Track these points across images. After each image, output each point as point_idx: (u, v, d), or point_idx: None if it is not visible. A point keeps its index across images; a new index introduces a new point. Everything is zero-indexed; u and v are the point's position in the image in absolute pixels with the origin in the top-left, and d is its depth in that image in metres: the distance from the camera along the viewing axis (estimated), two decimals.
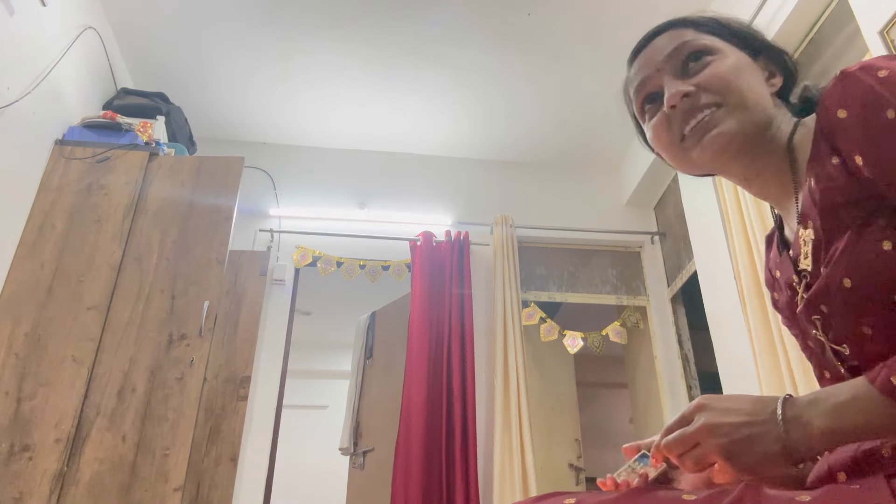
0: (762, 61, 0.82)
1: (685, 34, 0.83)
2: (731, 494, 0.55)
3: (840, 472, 0.64)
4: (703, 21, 0.84)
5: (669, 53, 0.82)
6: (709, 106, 0.76)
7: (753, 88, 0.76)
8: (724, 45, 0.80)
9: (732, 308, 2.72)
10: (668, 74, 0.81)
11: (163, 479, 2.18)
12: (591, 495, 0.64)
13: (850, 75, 0.65)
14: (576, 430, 4.01)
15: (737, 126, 0.75)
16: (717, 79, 0.76)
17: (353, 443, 3.78)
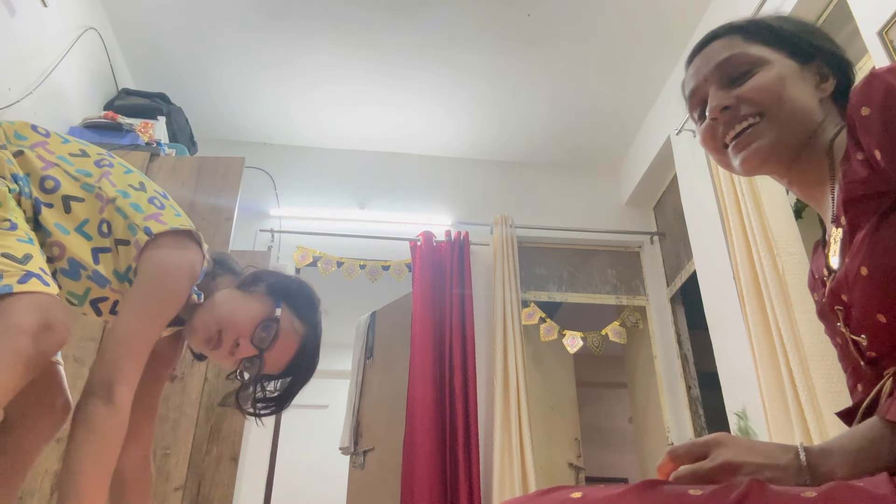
0: (814, 66, 0.83)
1: (735, 44, 0.84)
2: (738, 490, 0.55)
3: None
4: (754, 28, 0.85)
5: (718, 64, 0.83)
6: (750, 116, 0.79)
7: (796, 98, 0.78)
8: (772, 55, 0.82)
9: (732, 308, 2.73)
10: (713, 85, 0.83)
11: (163, 478, 2.19)
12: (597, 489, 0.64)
13: (877, 76, 0.67)
14: (575, 429, 4.02)
15: (774, 140, 0.78)
16: (759, 91, 0.79)
17: (354, 442, 3.79)
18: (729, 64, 0.83)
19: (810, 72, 0.82)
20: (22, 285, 0.95)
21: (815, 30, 0.87)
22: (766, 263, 2.32)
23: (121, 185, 1.18)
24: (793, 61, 0.82)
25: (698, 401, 3.49)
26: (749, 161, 0.80)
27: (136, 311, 1.08)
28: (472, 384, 3.28)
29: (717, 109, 0.81)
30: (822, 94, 0.81)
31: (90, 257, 1.13)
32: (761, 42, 0.83)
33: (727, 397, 2.81)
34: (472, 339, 3.42)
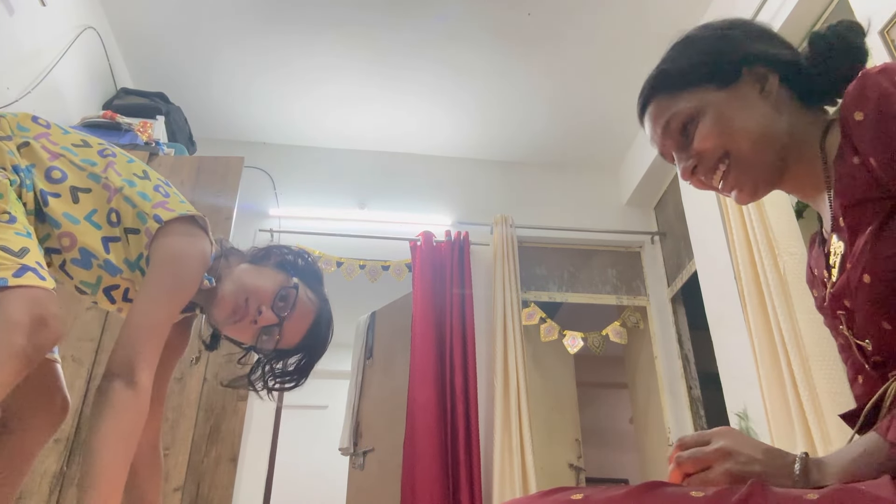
0: (744, 79, 0.80)
1: (663, 106, 0.82)
2: (740, 492, 0.55)
3: None
4: (670, 79, 0.83)
5: (662, 133, 0.83)
6: (719, 161, 0.79)
7: (746, 126, 0.77)
8: (700, 97, 0.80)
9: (732, 308, 2.72)
10: (672, 148, 0.84)
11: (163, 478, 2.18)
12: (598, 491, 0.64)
13: (869, 77, 0.67)
14: (576, 430, 4.01)
15: (752, 174, 0.78)
16: (708, 142, 0.78)
17: (353, 443, 3.78)
18: (670, 128, 0.82)
19: (745, 86, 0.79)
20: (17, 279, 0.94)
21: (726, 36, 0.84)
22: (768, 263, 2.31)
23: (126, 174, 1.20)
24: (722, 91, 0.79)
25: (699, 401, 3.49)
26: (742, 201, 0.81)
27: (153, 296, 1.10)
28: (472, 384, 3.27)
29: (688, 172, 0.82)
30: (768, 97, 0.79)
31: (101, 246, 1.14)
32: (684, 88, 0.81)
33: (728, 397, 2.80)
34: (473, 340, 3.41)
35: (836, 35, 0.81)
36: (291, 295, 1.21)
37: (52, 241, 1.13)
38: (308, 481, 5.32)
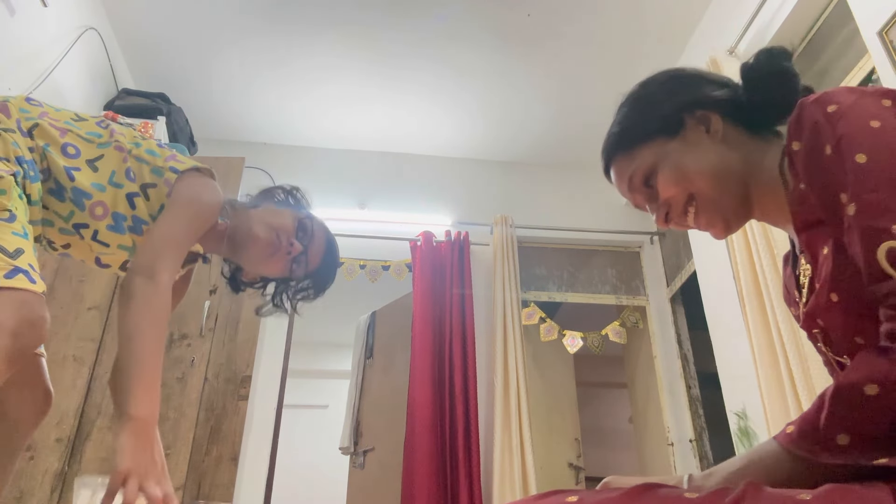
0: (689, 122, 0.83)
1: (623, 165, 0.87)
2: (733, 493, 0.55)
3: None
4: (623, 139, 0.87)
5: (629, 190, 0.88)
6: (686, 204, 0.83)
7: (702, 168, 0.80)
8: (654, 150, 0.84)
9: (732, 308, 2.73)
10: (642, 201, 0.88)
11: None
12: (592, 493, 0.64)
13: (805, 107, 0.69)
14: (576, 429, 4.02)
15: (720, 216, 0.82)
16: (670, 191, 0.82)
17: (354, 442, 3.79)
18: (634, 184, 0.86)
19: (691, 131, 0.83)
20: (8, 280, 0.93)
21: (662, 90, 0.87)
22: (766, 263, 2.31)
23: (129, 137, 1.28)
24: (672, 140, 0.83)
25: (698, 401, 3.49)
26: (719, 236, 0.85)
27: (176, 217, 1.20)
28: (472, 384, 3.28)
29: (662, 220, 0.86)
30: (716, 135, 0.82)
31: (127, 203, 1.22)
32: (637, 145, 0.85)
33: (727, 397, 2.81)
34: (473, 340, 3.42)
35: (762, 64, 0.84)
36: (308, 225, 1.35)
37: (79, 216, 1.18)
38: (308, 480, 5.33)
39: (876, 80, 2.08)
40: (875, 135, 0.62)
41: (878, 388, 0.55)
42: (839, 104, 0.66)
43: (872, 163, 0.61)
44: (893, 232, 0.58)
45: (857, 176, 0.61)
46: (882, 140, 0.62)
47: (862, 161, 0.61)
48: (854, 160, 0.62)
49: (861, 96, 0.66)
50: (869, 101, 0.66)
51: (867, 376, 0.56)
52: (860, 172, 0.61)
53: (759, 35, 2.68)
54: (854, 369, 0.58)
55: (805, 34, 2.60)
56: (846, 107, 0.65)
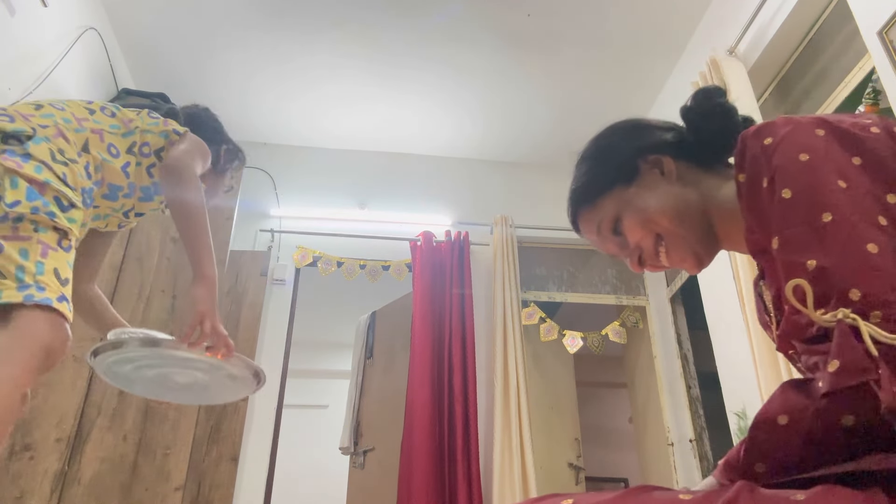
0: (643, 167, 0.86)
1: (589, 218, 0.91)
2: (727, 493, 0.55)
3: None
4: (584, 194, 0.91)
5: (599, 241, 0.91)
6: (656, 245, 0.85)
7: (663, 210, 0.83)
8: (614, 198, 0.87)
9: (732, 308, 2.73)
10: (615, 249, 0.91)
11: (163, 478, 2.19)
12: (588, 496, 0.64)
13: (745, 140, 0.71)
14: (575, 429, 4.02)
15: (689, 252, 0.84)
16: (638, 231, 0.85)
17: (354, 442, 3.79)
18: (603, 234, 0.89)
19: (646, 176, 0.86)
20: (58, 304, 1.08)
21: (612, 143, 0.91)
22: None
23: (129, 115, 1.49)
24: (630, 187, 0.86)
25: (698, 401, 3.49)
26: (693, 271, 0.88)
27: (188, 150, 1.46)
28: (471, 384, 3.28)
29: (636, 265, 0.89)
30: (670, 176, 0.85)
31: (147, 175, 1.46)
32: (598, 197, 0.89)
33: (727, 397, 2.81)
34: (472, 340, 3.42)
35: (700, 102, 0.87)
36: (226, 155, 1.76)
37: (129, 204, 1.44)
38: (309, 480, 5.34)
39: (876, 80, 2.08)
40: (801, 168, 0.64)
41: (788, 418, 0.57)
42: (773, 136, 0.68)
43: (795, 198, 0.63)
44: (807, 267, 0.60)
45: (781, 211, 0.64)
46: (806, 174, 0.64)
47: (787, 196, 0.64)
48: (781, 195, 0.64)
49: (795, 128, 0.68)
50: (802, 132, 0.67)
51: (780, 408, 0.59)
52: (784, 207, 0.64)
53: (759, 35, 2.68)
54: (770, 402, 0.61)
55: (805, 34, 2.60)
56: (779, 139, 0.67)
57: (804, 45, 2.63)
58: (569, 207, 0.95)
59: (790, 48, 2.67)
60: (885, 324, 0.54)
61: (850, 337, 0.54)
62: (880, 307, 0.55)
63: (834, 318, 0.56)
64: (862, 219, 0.60)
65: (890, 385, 0.51)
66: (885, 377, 0.51)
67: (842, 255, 0.59)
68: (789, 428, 0.57)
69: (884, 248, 0.58)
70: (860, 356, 0.53)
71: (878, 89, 2.06)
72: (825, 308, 0.58)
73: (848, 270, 0.58)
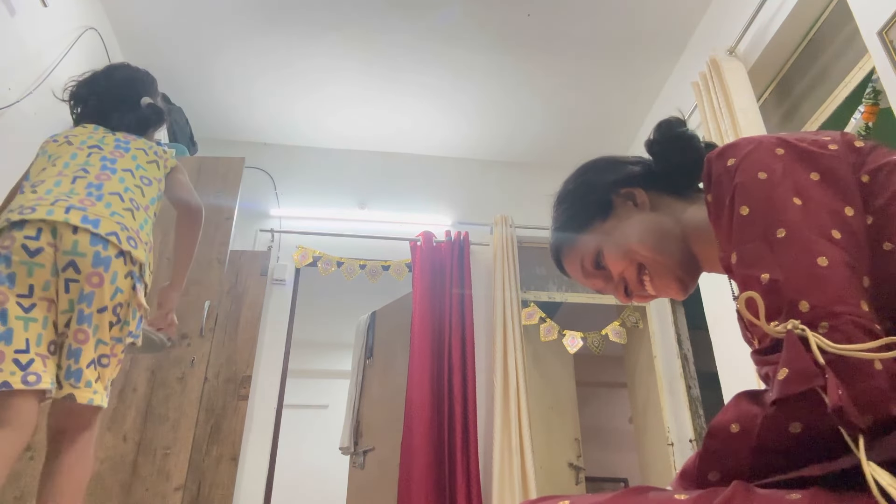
0: (616, 201, 0.89)
1: (573, 255, 0.93)
2: (723, 493, 0.56)
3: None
4: (564, 234, 0.94)
5: (584, 277, 0.93)
6: (639, 274, 0.87)
7: (640, 236, 0.86)
8: (594, 234, 0.90)
9: (732, 308, 2.72)
10: (601, 284, 0.93)
11: (164, 478, 2.19)
12: (584, 497, 0.65)
13: (711, 162, 0.73)
14: (575, 429, 4.02)
15: (672, 277, 0.86)
16: (620, 262, 0.88)
17: (354, 442, 3.79)
18: (587, 270, 0.92)
19: (621, 209, 0.89)
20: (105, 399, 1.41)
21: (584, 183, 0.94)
22: None
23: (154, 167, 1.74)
24: (607, 221, 0.89)
25: (698, 401, 3.49)
26: (678, 298, 0.90)
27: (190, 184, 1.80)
28: (470, 384, 3.28)
29: (622, 296, 0.91)
30: (644, 206, 0.88)
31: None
32: (578, 234, 0.92)
33: (727, 397, 2.80)
34: (472, 340, 3.42)
35: (662, 134, 0.90)
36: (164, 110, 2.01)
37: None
38: (309, 480, 5.34)
39: (876, 80, 2.08)
40: (759, 187, 0.67)
41: (739, 426, 0.59)
42: (735, 157, 0.70)
43: (752, 214, 0.66)
44: (761, 280, 0.62)
45: (739, 227, 0.67)
46: (763, 191, 0.66)
47: (745, 213, 0.67)
48: (739, 212, 0.67)
49: (756, 147, 0.70)
50: (762, 151, 0.69)
51: (732, 416, 0.60)
52: (741, 224, 0.66)
53: (759, 35, 2.68)
54: (724, 411, 0.62)
55: (805, 34, 2.60)
56: (740, 159, 0.70)
57: (804, 45, 2.63)
58: (551, 249, 0.97)
59: (790, 48, 2.67)
60: (832, 334, 0.56)
61: (799, 347, 0.56)
62: (827, 318, 0.57)
63: (784, 330, 0.58)
64: (814, 234, 0.62)
65: (835, 389, 0.52)
66: (832, 382, 0.53)
67: (793, 268, 0.61)
68: (740, 436, 0.59)
69: (834, 262, 0.60)
70: (808, 365, 0.55)
71: (878, 89, 2.06)
72: (777, 320, 0.60)
73: (798, 283, 0.60)
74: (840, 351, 0.54)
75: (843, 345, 0.55)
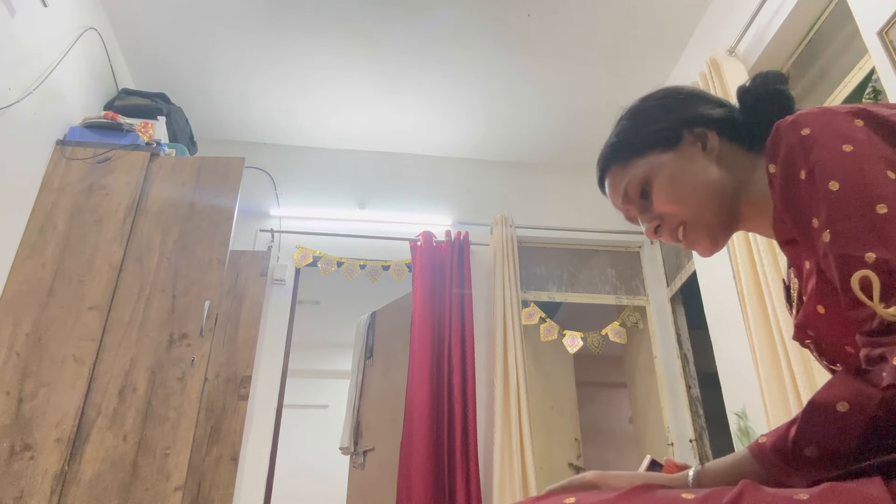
0: (687, 137, 0.85)
1: (618, 176, 0.89)
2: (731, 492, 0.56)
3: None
4: (621, 150, 0.89)
5: (623, 201, 0.89)
6: (676, 225, 0.84)
7: (696, 187, 0.82)
8: (650, 162, 0.85)
9: (732, 308, 2.73)
10: (635, 212, 0.89)
11: (164, 478, 2.19)
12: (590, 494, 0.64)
13: (780, 129, 0.70)
14: (575, 429, 4.02)
15: (707, 235, 0.83)
16: (666, 205, 0.84)
17: (354, 442, 3.79)
18: (629, 195, 0.87)
19: (688, 147, 0.84)
20: None
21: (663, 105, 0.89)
22: (767, 262, 2.32)
23: None
24: (668, 153, 0.84)
25: (698, 401, 3.49)
26: (705, 254, 0.86)
27: None
28: (470, 384, 3.28)
29: (651, 232, 0.87)
30: (711, 152, 0.83)
31: None
32: (634, 157, 0.87)
33: (727, 397, 2.81)
34: (472, 340, 3.42)
35: (759, 86, 0.85)
36: None
37: None
38: (308, 480, 5.34)
39: (876, 80, 2.08)
40: (847, 160, 0.63)
41: (849, 405, 0.56)
42: (812, 127, 0.66)
43: (845, 190, 0.62)
44: (866, 260, 0.58)
45: (830, 203, 0.62)
46: (853, 165, 0.62)
47: (835, 188, 0.62)
48: (827, 187, 0.63)
49: (833, 118, 0.67)
50: (841, 122, 0.66)
51: (840, 394, 0.57)
52: (833, 200, 0.62)
53: (759, 35, 2.68)
54: (829, 387, 0.59)
55: (805, 34, 2.60)
56: (818, 131, 0.66)
57: (804, 45, 2.63)
58: (599, 161, 0.92)
59: (790, 48, 2.67)
60: None
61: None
62: None
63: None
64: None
65: None
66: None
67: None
68: (849, 415, 0.56)
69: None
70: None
71: (878, 89, 2.06)
72: (888, 301, 0.57)
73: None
74: None
75: None
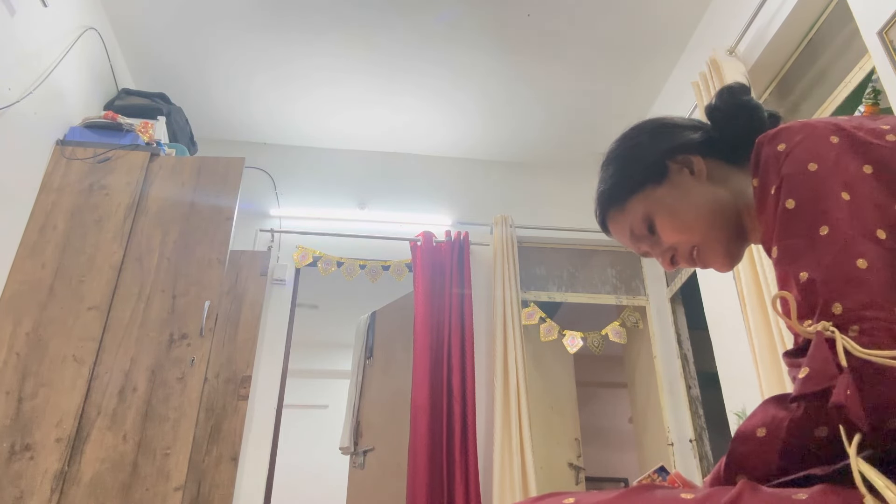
0: (672, 167, 0.85)
1: (621, 221, 0.89)
2: (730, 493, 0.56)
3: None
4: (613, 195, 0.89)
5: (632, 241, 0.90)
6: (690, 251, 0.85)
7: (697, 211, 0.83)
8: (645, 198, 0.86)
9: (732, 308, 2.73)
10: (647, 248, 0.90)
11: (164, 478, 2.19)
12: (589, 495, 0.64)
13: (761, 145, 0.71)
14: (575, 429, 4.02)
15: (721, 252, 0.83)
16: (674, 235, 0.84)
17: (354, 442, 3.79)
18: (636, 235, 0.88)
19: (676, 175, 0.85)
20: None
21: (640, 144, 0.89)
22: (767, 262, 2.32)
23: None
24: (660, 187, 0.85)
25: (698, 401, 3.49)
26: (724, 270, 0.87)
27: None
28: (470, 384, 3.28)
29: (668, 264, 0.88)
30: (700, 175, 0.84)
31: None
32: (628, 198, 0.87)
33: (727, 397, 2.81)
34: (472, 339, 3.42)
35: (726, 101, 0.87)
36: None
37: None
38: (309, 480, 5.34)
39: (876, 80, 2.08)
40: (808, 179, 0.64)
41: (766, 430, 0.59)
42: (787, 143, 0.68)
43: (798, 209, 0.64)
44: (800, 278, 0.61)
45: (782, 221, 0.65)
46: (811, 185, 0.64)
47: (791, 206, 0.64)
48: (784, 205, 0.65)
49: (809, 134, 0.67)
50: (817, 139, 0.67)
51: (758, 422, 0.60)
52: (785, 218, 0.64)
53: (759, 35, 2.68)
54: (751, 416, 0.62)
55: (805, 34, 2.60)
56: (791, 146, 0.67)
57: (804, 45, 2.63)
58: (597, 209, 0.93)
59: (790, 48, 2.67)
60: (861, 338, 0.55)
61: (825, 347, 0.56)
62: (858, 321, 0.56)
63: (814, 330, 0.58)
64: (858, 233, 0.60)
65: (844, 388, 0.53)
66: (842, 382, 0.53)
67: (831, 268, 0.60)
68: (766, 440, 0.59)
69: (873, 264, 0.58)
70: (829, 365, 0.55)
71: (878, 89, 2.06)
72: (810, 319, 0.59)
73: (834, 284, 0.59)
74: (866, 355, 0.54)
75: (869, 350, 0.54)
